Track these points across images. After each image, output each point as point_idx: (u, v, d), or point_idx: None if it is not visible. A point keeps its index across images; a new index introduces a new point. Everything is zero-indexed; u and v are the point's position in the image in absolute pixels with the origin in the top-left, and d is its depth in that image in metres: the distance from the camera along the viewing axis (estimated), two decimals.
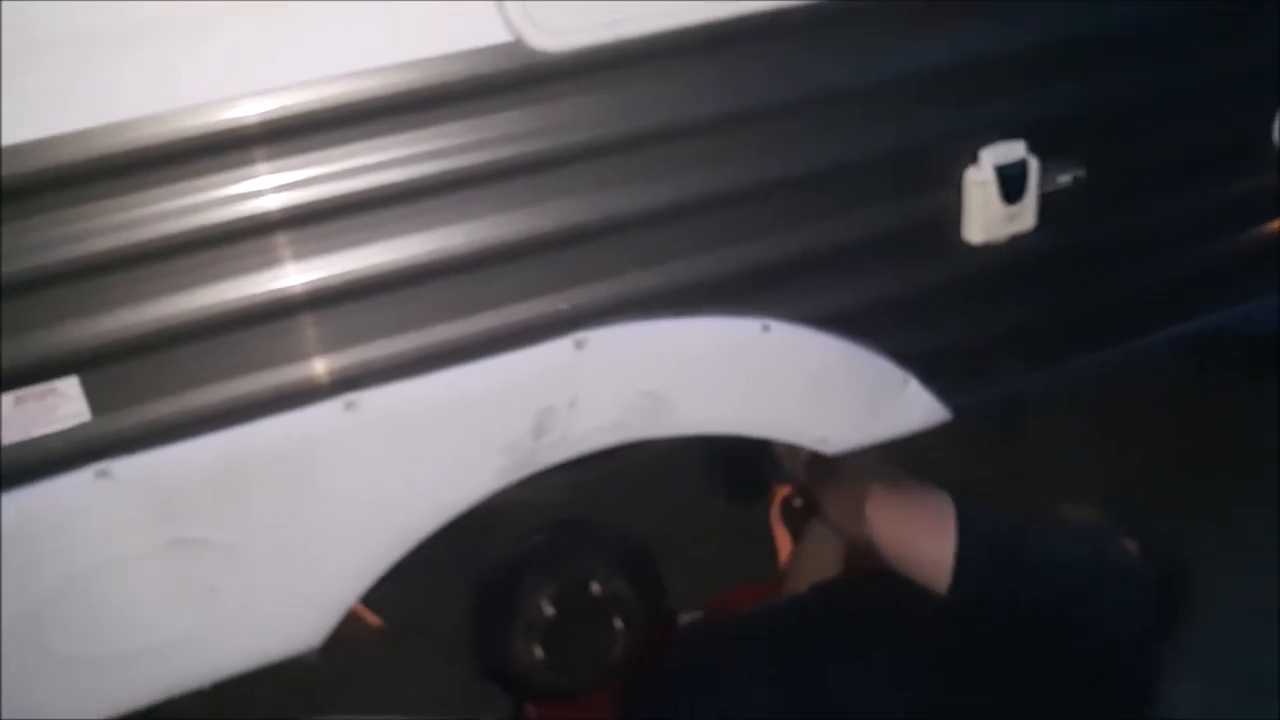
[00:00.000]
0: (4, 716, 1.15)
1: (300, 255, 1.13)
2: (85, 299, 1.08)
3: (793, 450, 1.69)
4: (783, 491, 1.87)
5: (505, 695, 1.70)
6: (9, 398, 1.07)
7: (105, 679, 1.20)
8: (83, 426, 1.10)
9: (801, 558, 1.82)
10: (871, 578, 1.46)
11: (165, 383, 1.13)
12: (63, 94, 1.01)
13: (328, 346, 1.17)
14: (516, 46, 1.12)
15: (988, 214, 1.37)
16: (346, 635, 1.30)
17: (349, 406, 1.18)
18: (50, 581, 1.14)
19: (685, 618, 1.81)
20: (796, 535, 1.86)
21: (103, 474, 1.12)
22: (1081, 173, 1.42)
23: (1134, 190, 1.51)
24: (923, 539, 1.38)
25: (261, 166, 1.09)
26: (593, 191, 1.21)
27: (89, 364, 1.09)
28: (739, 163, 1.27)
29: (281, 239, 1.12)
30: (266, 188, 1.10)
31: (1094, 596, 1.33)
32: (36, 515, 1.11)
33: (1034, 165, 1.38)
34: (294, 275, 1.13)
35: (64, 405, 1.09)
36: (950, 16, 1.31)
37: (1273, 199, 1.65)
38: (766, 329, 1.33)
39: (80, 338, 1.08)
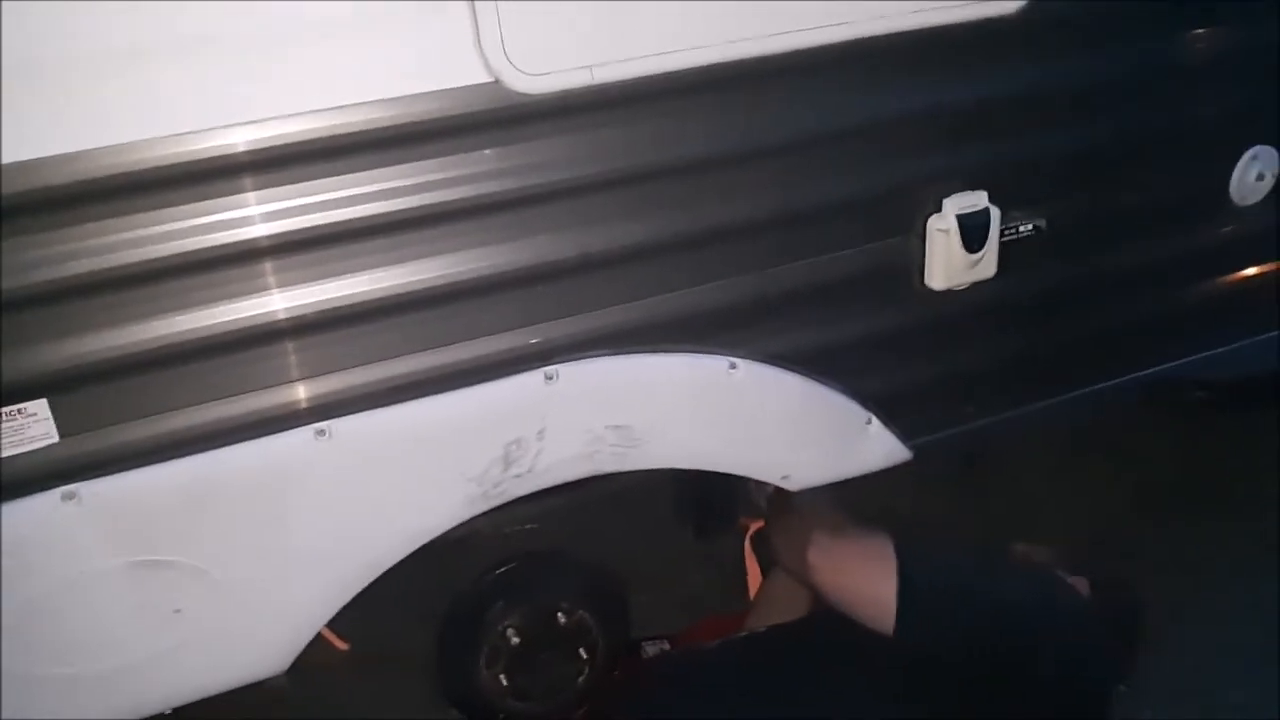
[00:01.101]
0: None
1: (275, 284, 1.15)
2: (57, 322, 1.09)
3: (762, 485, 1.71)
4: (755, 525, 1.89)
5: None
6: None
7: (68, 700, 1.20)
8: (50, 448, 1.11)
9: (768, 591, 1.84)
10: (828, 616, 1.47)
11: (136, 407, 1.14)
12: (39, 120, 1.02)
13: (300, 374, 1.19)
14: (496, 87, 1.15)
15: (950, 261, 1.41)
16: (313, 659, 1.31)
17: (320, 434, 1.20)
18: (15, 602, 1.14)
19: (650, 648, 1.82)
20: (766, 569, 1.88)
21: (69, 496, 1.13)
22: (1042, 223, 1.47)
23: (1093, 241, 1.55)
24: (863, 584, 1.40)
25: (240, 197, 1.11)
26: (566, 230, 1.24)
27: (59, 387, 1.10)
28: (709, 205, 1.30)
29: (257, 268, 1.14)
30: (247, 216, 1.12)
31: (1042, 637, 1.35)
32: (2, 536, 1.11)
33: (995, 214, 1.42)
34: (268, 303, 1.15)
35: (32, 427, 1.10)
36: (917, 69, 1.35)
37: (1229, 251, 1.70)
38: (733, 367, 1.36)
39: (50, 360, 1.09)
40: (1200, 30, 1.54)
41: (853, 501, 1.54)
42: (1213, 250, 1.68)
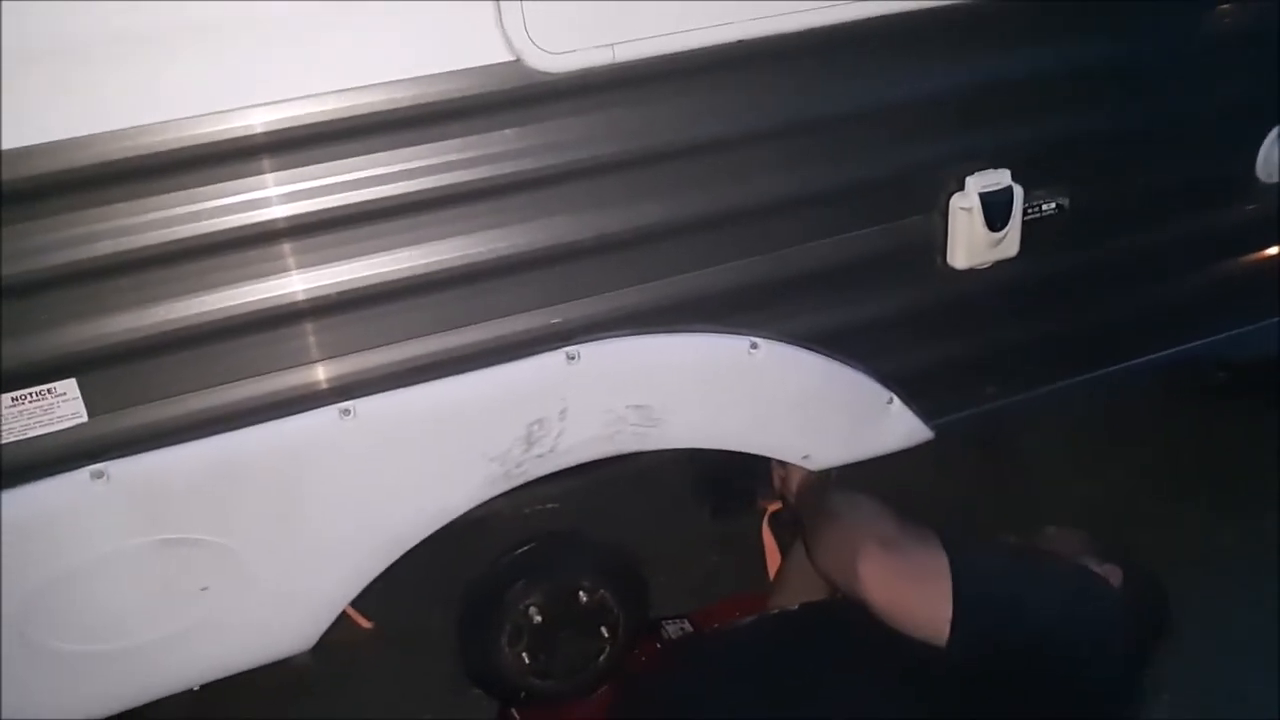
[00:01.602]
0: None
1: (299, 265, 1.15)
2: (85, 302, 1.10)
3: (783, 472, 1.71)
4: (772, 506, 1.89)
5: (491, 699, 1.71)
6: (7, 398, 1.09)
7: (97, 677, 1.22)
8: (80, 428, 1.13)
9: (789, 571, 1.84)
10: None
11: (162, 386, 1.15)
12: (69, 99, 1.02)
13: (324, 355, 1.20)
14: (516, 66, 1.15)
15: (972, 240, 1.40)
16: (338, 637, 1.33)
17: (344, 414, 1.20)
18: (45, 580, 1.16)
19: (671, 627, 1.82)
20: (785, 548, 1.88)
21: (98, 475, 1.14)
22: (1065, 201, 1.46)
23: (1117, 220, 1.54)
24: (919, 605, 1.32)
25: (262, 177, 1.11)
26: (587, 209, 1.24)
27: (87, 366, 1.11)
28: (730, 185, 1.29)
29: (281, 248, 1.14)
30: (267, 198, 1.12)
31: (1080, 637, 1.32)
32: (32, 514, 1.13)
33: (1018, 193, 1.41)
34: (293, 284, 1.16)
35: (61, 406, 1.11)
36: (939, 46, 1.34)
37: (1254, 231, 1.68)
38: (754, 347, 1.36)
39: (79, 340, 1.10)
40: (1226, 6, 1.52)
41: (890, 494, 1.49)
42: (1238, 228, 1.66)
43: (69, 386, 1.11)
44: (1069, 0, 1.38)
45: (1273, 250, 1.69)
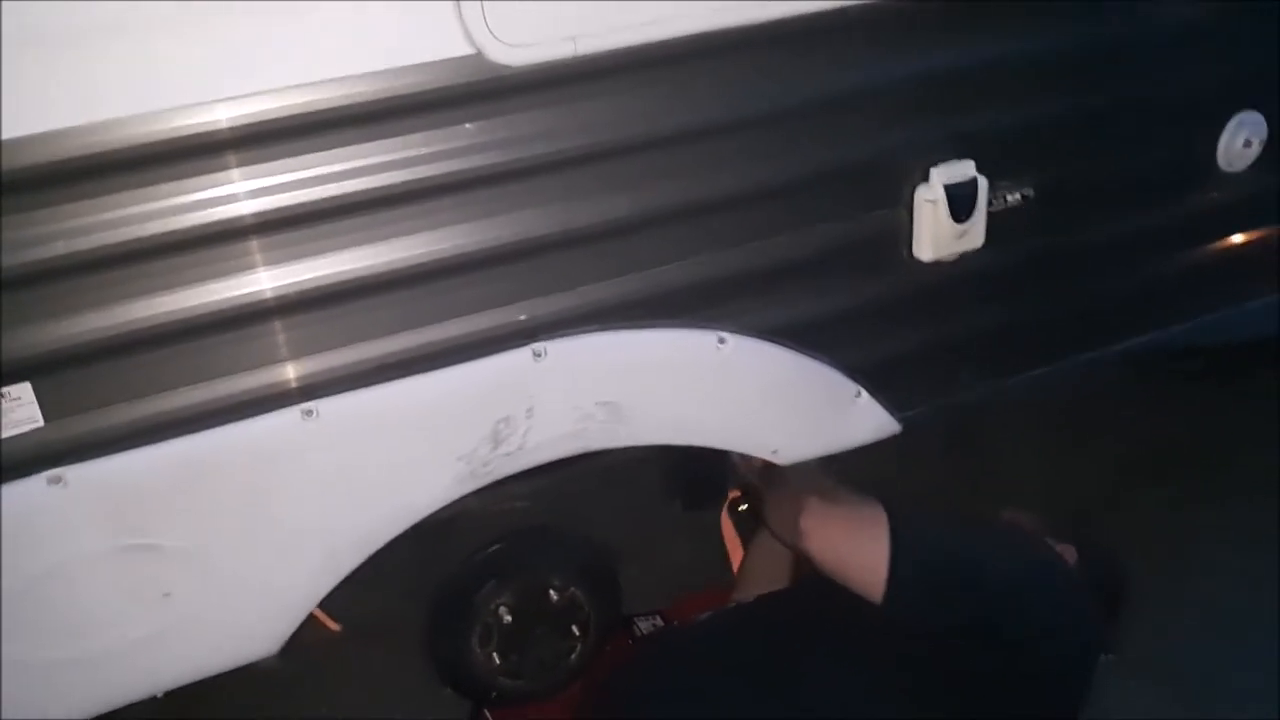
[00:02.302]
0: None
1: (259, 263, 1.14)
2: (40, 304, 1.07)
3: (747, 456, 1.71)
4: (731, 494, 1.89)
5: (462, 700, 1.70)
6: None
7: (57, 685, 1.19)
8: (35, 432, 1.10)
9: (751, 564, 1.85)
10: (813, 586, 1.48)
11: (121, 389, 1.13)
12: (21, 97, 1.00)
13: (286, 354, 1.18)
14: (477, 59, 1.14)
15: (937, 232, 1.40)
16: (305, 640, 1.31)
17: (307, 414, 1.19)
18: (3, 586, 1.13)
19: (642, 624, 1.82)
20: (746, 540, 1.88)
21: (55, 480, 1.12)
22: (1030, 192, 1.46)
23: (1081, 209, 1.55)
24: (855, 553, 1.39)
25: (222, 174, 1.10)
26: (551, 204, 1.23)
27: (43, 370, 1.09)
28: (694, 178, 1.29)
29: (240, 246, 1.13)
30: (226, 195, 1.10)
31: (1030, 608, 1.36)
32: None
33: (983, 184, 1.41)
34: (252, 283, 1.14)
35: (16, 411, 1.09)
36: (902, 37, 1.34)
37: (1217, 218, 1.70)
38: (722, 341, 1.35)
39: (34, 343, 1.08)
40: None
41: (844, 468, 1.53)
42: (1201, 217, 1.68)
43: (23, 390, 1.09)
44: None
45: (1235, 238, 1.71)
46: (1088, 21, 1.46)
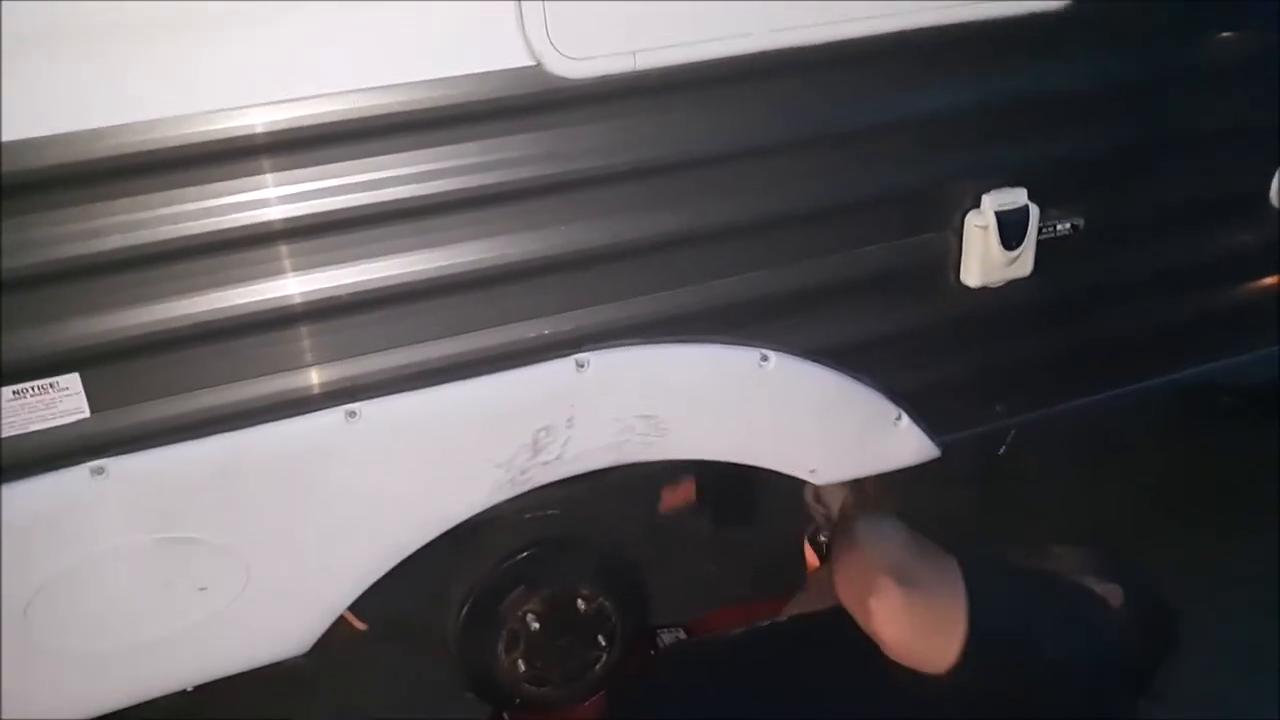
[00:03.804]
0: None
1: (309, 265, 1.14)
2: (90, 297, 1.08)
3: (818, 501, 1.71)
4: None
5: (485, 704, 1.70)
6: (8, 391, 1.07)
7: (93, 676, 1.20)
8: (81, 423, 1.11)
9: (814, 581, 1.82)
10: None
11: (167, 384, 1.14)
12: (67, 92, 1.01)
13: (332, 356, 1.18)
14: (536, 71, 1.13)
15: (986, 258, 1.39)
16: (331, 638, 1.31)
17: (350, 416, 1.19)
18: (43, 576, 1.14)
19: (666, 635, 1.82)
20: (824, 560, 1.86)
21: (98, 471, 1.12)
22: (1080, 221, 1.45)
23: (1130, 242, 1.53)
24: (926, 651, 1.31)
25: (276, 175, 1.10)
26: (602, 217, 1.23)
27: (91, 361, 1.10)
28: (747, 196, 1.28)
29: (291, 248, 1.13)
30: (281, 196, 1.10)
31: (1079, 666, 1.31)
32: (31, 510, 1.11)
33: (1034, 212, 1.40)
34: (301, 284, 1.14)
35: (64, 401, 1.10)
36: (961, 62, 1.33)
37: (1268, 256, 1.68)
38: (765, 359, 1.35)
39: (83, 335, 1.08)
40: (1243, 31, 1.51)
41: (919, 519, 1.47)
42: (1250, 254, 1.66)
43: (71, 381, 1.10)
44: (1090, 19, 1.37)
45: None
46: (1144, 53, 1.45)
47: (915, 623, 1.32)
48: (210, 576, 1.20)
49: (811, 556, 1.85)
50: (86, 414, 1.11)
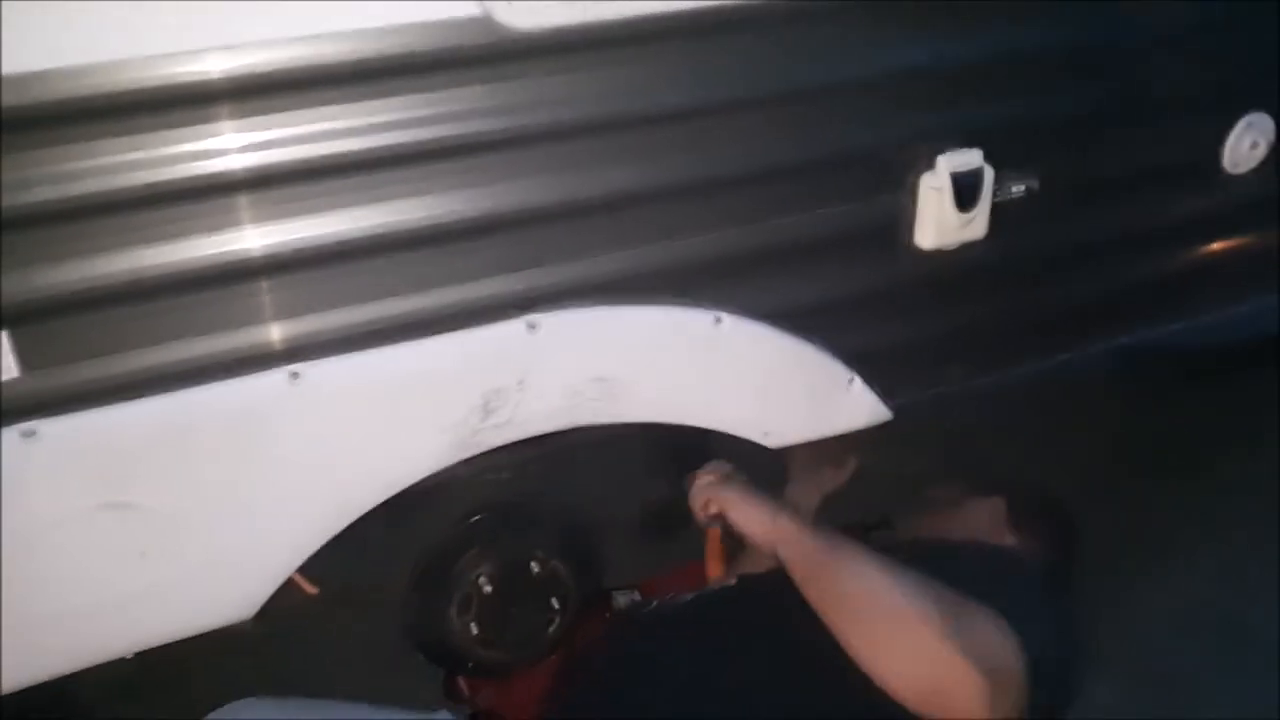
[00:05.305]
0: None
1: (251, 220, 1.10)
2: (19, 251, 1.03)
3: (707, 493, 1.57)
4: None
5: (437, 668, 1.69)
6: None
7: (28, 643, 1.17)
8: (11, 383, 1.07)
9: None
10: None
11: (102, 342, 1.10)
12: (14, 34, 0.96)
13: (274, 315, 1.15)
14: (485, 21, 1.10)
15: (941, 220, 1.39)
16: (280, 603, 1.29)
17: (294, 377, 1.16)
18: None
19: (620, 597, 1.81)
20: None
21: (29, 434, 1.09)
22: (1035, 184, 1.45)
23: (1084, 204, 1.54)
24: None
25: (217, 125, 1.06)
26: (553, 174, 1.20)
27: (21, 318, 1.06)
28: (700, 154, 1.27)
29: (233, 201, 1.09)
30: (221, 148, 1.07)
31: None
32: None
33: (989, 174, 1.40)
34: (242, 240, 1.11)
35: None
36: (918, 21, 1.32)
37: (1218, 219, 1.70)
38: (718, 321, 1.34)
39: (13, 291, 1.04)
40: None
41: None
42: (1203, 217, 1.68)
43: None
44: None
45: (1238, 239, 1.71)
46: (1100, 17, 1.45)
47: (993, 710, 1.14)
48: (149, 541, 1.17)
49: (714, 557, 1.75)
50: (16, 373, 1.07)
